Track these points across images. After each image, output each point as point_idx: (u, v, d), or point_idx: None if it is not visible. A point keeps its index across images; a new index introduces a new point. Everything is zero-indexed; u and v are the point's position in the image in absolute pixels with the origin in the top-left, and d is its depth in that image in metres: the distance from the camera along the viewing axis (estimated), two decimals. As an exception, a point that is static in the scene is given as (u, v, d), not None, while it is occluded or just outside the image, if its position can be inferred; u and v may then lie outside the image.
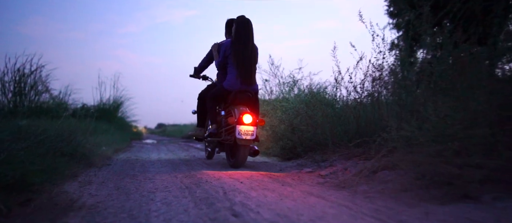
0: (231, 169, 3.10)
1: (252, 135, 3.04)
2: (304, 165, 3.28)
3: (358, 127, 3.32)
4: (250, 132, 3.04)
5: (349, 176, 2.46)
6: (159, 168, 3.18)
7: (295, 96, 4.64)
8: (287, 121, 4.02)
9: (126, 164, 3.49)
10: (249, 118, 3.06)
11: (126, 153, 5.10)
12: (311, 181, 2.52)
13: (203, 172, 2.81)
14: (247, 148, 3.10)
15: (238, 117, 3.06)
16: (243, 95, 3.26)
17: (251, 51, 3.31)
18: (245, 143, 3.05)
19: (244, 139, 3.02)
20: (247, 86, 3.28)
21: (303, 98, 4.29)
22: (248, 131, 3.03)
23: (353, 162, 2.85)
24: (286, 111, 4.13)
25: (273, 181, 2.44)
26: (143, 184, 2.26)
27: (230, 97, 3.28)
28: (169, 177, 2.60)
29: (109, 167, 3.17)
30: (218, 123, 3.43)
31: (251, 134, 3.04)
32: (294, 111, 4.04)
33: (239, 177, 2.56)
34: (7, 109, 8.72)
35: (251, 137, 3.04)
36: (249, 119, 3.06)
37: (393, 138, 2.23)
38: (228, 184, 2.23)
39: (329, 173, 2.77)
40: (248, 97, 3.28)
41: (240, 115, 3.06)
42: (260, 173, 2.81)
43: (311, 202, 1.74)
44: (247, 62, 3.28)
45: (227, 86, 3.29)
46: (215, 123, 3.41)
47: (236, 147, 3.11)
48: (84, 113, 10.46)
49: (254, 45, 3.37)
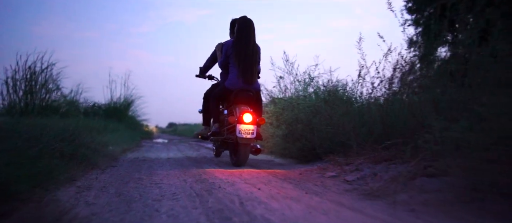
0: (246, 173, 2.82)
1: (252, 133, 3.09)
2: (326, 169, 2.98)
3: (385, 126, 3.00)
4: (251, 130, 3.09)
5: (382, 183, 2.15)
6: (167, 170, 2.93)
7: (313, 93, 4.34)
8: (305, 120, 3.72)
9: (133, 165, 3.25)
10: (249, 117, 3.11)
11: (135, 153, 4.89)
12: (336, 187, 2.22)
13: (216, 176, 2.54)
14: (248, 146, 3.15)
15: (239, 116, 3.11)
16: (244, 94, 3.30)
17: (252, 51, 3.35)
18: (245, 142, 3.10)
19: (245, 138, 3.07)
20: (248, 85, 3.32)
21: (321, 95, 3.99)
22: (249, 130, 3.08)
23: (383, 166, 2.54)
24: (304, 109, 3.83)
25: (294, 187, 2.15)
26: (148, 190, 2.00)
27: (231, 96, 3.31)
28: (177, 181, 2.34)
29: (113, 169, 2.93)
30: (221, 122, 3.47)
31: (251, 132, 3.09)
32: (313, 109, 3.74)
33: (255, 182, 2.28)
34: (18, 108, 8.67)
35: (251, 135, 3.09)
36: (249, 118, 3.11)
37: (435, 140, 1.91)
38: (244, 191, 1.95)
39: (356, 179, 2.47)
40: (250, 96, 3.32)
41: (240, 114, 3.12)
42: (279, 178, 2.52)
43: (346, 216, 1.45)
44: (248, 61, 3.33)
45: (229, 85, 3.34)
46: (218, 122, 3.47)
47: (238, 146, 3.15)
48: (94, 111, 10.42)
49: (256, 45, 3.41)
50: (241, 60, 3.30)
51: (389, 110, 2.98)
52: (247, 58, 3.31)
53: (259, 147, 3.34)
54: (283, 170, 3.03)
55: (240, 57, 3.30)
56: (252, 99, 3.33)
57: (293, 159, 3.79)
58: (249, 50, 3.33)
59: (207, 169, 3.03)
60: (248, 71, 3.31)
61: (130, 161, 3.67)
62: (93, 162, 2.88)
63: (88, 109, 10.42)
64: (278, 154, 4.13)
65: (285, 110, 4.32)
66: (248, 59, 3.32)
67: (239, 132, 3.05)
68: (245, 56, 3.30)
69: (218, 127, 3.41)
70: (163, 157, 4.32)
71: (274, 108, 4.58)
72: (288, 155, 4.00)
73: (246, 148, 3.13)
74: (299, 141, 3.72)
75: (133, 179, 2.39)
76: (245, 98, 3.29)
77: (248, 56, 3.32)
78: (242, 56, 3.30)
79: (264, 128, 5.05)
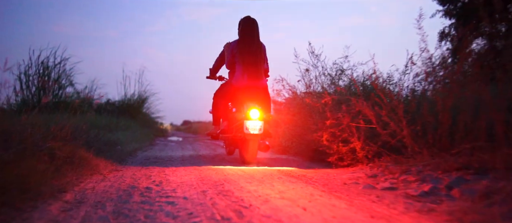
0: (278, 182, 2.29)
1: (260, 129, 3.13)
2: (374, 177, 2.43)
3: (448, 126, 2.42)
4: (258, 126, 3.13)
5: (470, 203, 1.58)
6: (181, 176, 2.44)
7: (345, 87, 3.77)
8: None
9: (141, 170, 2.77)
10: (256, 113, 3.15)
11: (146, 152, 4.44)
12: (403, 205, 1.66)
13: (241, 187, 2.03)
14: (256, 142, 3.18)
15: (245, 112, 3.17)
16: (251, 91, 3.36)
17: (256, 48, 3.43)
18: (253, 138, 3.14)
19: (252, 134, 3.11)
20: (253, 81, 3.38)
21: (353, 89, 3.42)
22: (256, 126, 3.12)
23: (459, 178, 1.97)
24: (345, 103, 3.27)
25: (348, 206, 1.61)
26: (157, 208, 1.51)
27: (239, 93, 3.37)
28: (195, 193, 1.84)
29: (117, 174, 2.46)
30: (230, 120, 3.53)
31: (259, 128, 3.13)
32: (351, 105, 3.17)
33: (294, 196, 1.75)
34: (31, 104, 8.40)
35: (258, 131, 3.13)
36: (256, 114, 3.15)
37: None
38: (285, 213, 1.43)
39: (423, 193, 1.90)
40: (257, 93, 3.36)
41: (247, 110, 3.17)
42: (322, 191, 1.99)
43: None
44: (253, 58, 3.40)
45: (235, 82, 3.41)
46: (226, 120, 3.55)
47: (246, 143, 3.20)
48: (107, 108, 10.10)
49: (261, 43, 3.50)
50: (245, 57, 3.38)
51: (456, 105, 2.39)
52: (251, 56, 3.38)
53: (268, 144, 3.35)
54: (321, 178, 2.49)
55: (245, 55, 3.38)
56: (259, 96, 3.36)
57: (326, 163, 3.24)
58: (253, 47, 3.41)
59: (229, 174, 2.53)
60: (253, 68, 3.37)
61: (139, 162, 3.21)
62: (94, 166, 2.41)
63: (101, 106, 10.14)
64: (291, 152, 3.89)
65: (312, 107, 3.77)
66: (253, 56, 3.39)
67: (246, 128, 3.10)
68: (249, 54, 3.38)
69: (227, 125, 3.48)
70: (177, 156, 3.86)
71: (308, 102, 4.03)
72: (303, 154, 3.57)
73: (255, 144, 3.17)
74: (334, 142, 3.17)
75: (139, 189, 1.90)
76: (252, 95, 3.33)
77: (252, 53, 3.39)
78: (246, 54, 3.38)
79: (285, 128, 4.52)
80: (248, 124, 3.10)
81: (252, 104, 3.23)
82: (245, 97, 3.33)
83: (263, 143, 3.31)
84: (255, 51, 3.41)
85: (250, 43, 3.41)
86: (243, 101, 3.31)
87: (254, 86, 3.37)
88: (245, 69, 3.36)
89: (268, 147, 3.35)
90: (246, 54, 3.38)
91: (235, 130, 3.34)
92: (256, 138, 3.14)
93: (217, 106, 3.68)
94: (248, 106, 3.20)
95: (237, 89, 3.37)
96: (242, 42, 3.43)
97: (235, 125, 3.36)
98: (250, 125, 3.10)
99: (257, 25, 3.49)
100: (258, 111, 3.16)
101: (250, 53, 3.39)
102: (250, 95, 3.32)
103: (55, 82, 8.60)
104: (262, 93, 3.41)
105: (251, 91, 3.34)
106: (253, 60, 3.39)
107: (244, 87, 3.35)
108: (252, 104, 3.23)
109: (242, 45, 3.42)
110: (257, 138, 3.15)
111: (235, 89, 3.39)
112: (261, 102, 3.34)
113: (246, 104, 3.26)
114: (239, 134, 3.27)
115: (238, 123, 3.29)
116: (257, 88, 3.38)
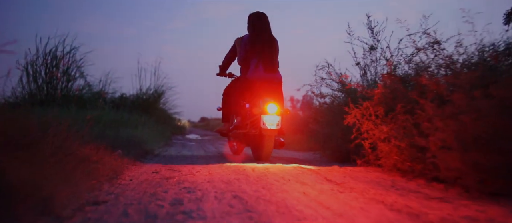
0: (335, 203, 1.40)
1: (277, 124, 3.04)
2: (437, 195, 1.50)
3: None
4: (275, 121, 3.03)
5: None
6: (210, 201, 1.57)
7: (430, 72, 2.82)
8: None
9: (141, 200, 1.92)
10: (274, 108, 3.05)
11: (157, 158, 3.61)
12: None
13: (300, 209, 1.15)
14: (272, 139, 3.08)
15: (263, 106, 3.07)
16: (267, 84, 3.26)
17: (268, 41, 3.38)
18: (270, 133, 3.05)
19: (269, 130, 3.02)
20: (269, 73, 3.30)
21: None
22: (273, 121, 3.02)
23: None
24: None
25: None
26: None
27: (254, 87, 3.27)
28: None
29: (99, 209, 1.59)
30: (243, 116, 3.42)
31: (276, 123, 3.04)
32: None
33: None
34: (38, 98, 7.76)
35: (276, 126, 3.04)
36: (274, 108, 3.05)
37: None
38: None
39: None
40: (272, 86, 3.27)
41: (264, 104, 3.07)
42: (387, 207, 1.11)
43: None
44: (266, 50, 3.33)
45: (250, 76, 3.32)
46: (240, 116, 3.45)
47: (261, 139, 3.09)
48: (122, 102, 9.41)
49: (273, 37, 3.45)
50: (259, 49, 3.31)
51: None
52: (264, 48, 3.32)
53: (282, 141, 3.26)
54: (394, 192, 1.57)
55: (259, 47, 3.31)
56: (275, 89, 3.27)
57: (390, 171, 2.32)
58: (266, 40, 3.36)
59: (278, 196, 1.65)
60: (268, 60, 3.30)
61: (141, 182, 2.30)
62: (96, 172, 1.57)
63: (115, 100, 9.46)
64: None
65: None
66: (266, 48, 3.32)
67: (264, 124, 3.00)
68: (263, 46, 3.32)
69: (241, 121, 3.37)
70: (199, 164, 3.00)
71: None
72: (386, 166, 2.61)
73: (270, 141, 3.06)
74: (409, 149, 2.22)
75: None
76: (268, 88, 3.24)
77: (265, 46, 3.33)
78: (260, 46, 3.32)
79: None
80: (266, 119, 3.00)
81: (268, 98, 3.12)
82: (260, 90, 3.23)
83: (278, 140, 3.21)
84: (269, 43, 3.36)
85: (263, 36, 3.37)
86: (259, 95, 3.20)
87: (270, 78, 3.29)
88: (259, 61, 3.28)
89: (283, 144, 3.27)
90: (260, 47, 3.32)
91: (250, 125, 3.20)
92: (273, 133, 3.04)
93: (228, 102, 3.61)
94: (265, 100, 3.09)
95: (253, 82, 3.27)
96: (254, 35, 3.38)
97: (249, 120, 3.22)
98: (268, 120, 2.99)
99: (267, 19, 3.44)
100: (275, 105, 3.04)
101: (263, 45, 3.33)
102: (266, 88, 3.22)
103: (64, 73, 7.95)
104: (277, 86, 3.32)
105: (267, 84, 3.25)
106: (268, 52, 3.32)
107: (260, 79, 3.26)
108: (268, 98, 3.12)
109: (255, 38, 3.36)
110: (273, 134, 3.05)
111: (250, 82, 3.30)
112: (277, 96, 3.24)
113: (262, 98, 3.14)
114: (254, 130, 3.14)
115: (253, 118, 3.16)
116: (273, 81, 3.30)
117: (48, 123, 1.96)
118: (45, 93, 7.69)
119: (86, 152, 1.92)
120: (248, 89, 3.37)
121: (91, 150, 2.03)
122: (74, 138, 1.95)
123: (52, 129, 1.74)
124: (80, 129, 2.17)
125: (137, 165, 2.53)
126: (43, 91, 7.73)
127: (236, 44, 3.58)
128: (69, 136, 1.86)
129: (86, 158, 1.83)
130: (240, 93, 3.49)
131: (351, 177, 2.18)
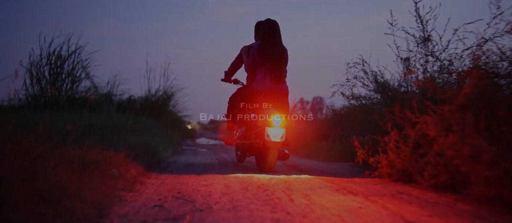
0: None
1: (281, 137, 3.00)
2: None
3: None
4: (280, 134, 2.99)
5: None
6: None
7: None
8: None
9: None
10: (279, 120, 3.01)
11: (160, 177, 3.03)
12: None
13: None
14: (276, 151, 3.05)
15: (267, 118, 3.02)
16: (272, 95, 3.21)
17: (279, 51, 3.30)
18: (274, 146, 3.01)
19: (273, 142, 2.98)
20: (275, 84, 3.23)
21: None
22: (278, 133, 2.98)
23: None
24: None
25: None
26: None
27: (260, 97, 3.22)
28: None
29: None
30: (248, 126, 3.33)
31: (281, 136, 3.00)
32: None
33: None
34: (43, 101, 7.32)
35: (280, 139, 3.00)
36: (279, 121, 3.01)
37: None
38: None
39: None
40: (278, 97, 3.23)
41: (269, 116, 3.03)
42: None
43: None
44: (275, 61, 3.25)
45: (256, 85, 3.26)
46: (244, 126, 3.37)
47: (266, 151, 3.04)
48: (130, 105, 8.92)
49: (283, 47, 3.37)
50: (268, 60, 3.24)
51: None
52: (274, 59, 3.25)
53: (287, 152, 3.28)
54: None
55: (267, 57, 3.24)
56: (281, 101, 3.24)
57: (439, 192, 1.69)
58: (276, 50, 3.28)
59: None
60: (276, 71, 3.24)
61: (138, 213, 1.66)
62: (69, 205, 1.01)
63: (123, 103, 8.98)
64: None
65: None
66: (275, 59, 3.26)
67: (268, 136, 2.96)
68: (271, 57, 3.25)
69: (245, 131, 3.32)
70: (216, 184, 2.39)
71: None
72: None
73: (274, 152, 3.03)
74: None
75: None
76: (274, 99, 3.20)
77: (275, 56, 3.26)
78: (269, 56, 3.24)
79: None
80: (270, 131, 2.96)
81: (274, 110, 3.08)
82: (266, 101, 3.18)
83: (282, 151, 3.22)
84: (278, 54, 3.28)
85: (273, 46, 3.28)
86: (264, 106, 3.16)
87: (276, 89, 3.24)
88: (267, 72, 3.21)
89: (287, 155, 3.27)
90: (269, 57, 3.24)
91: (254, 136, 3.16)
92: (277, 146, 3.01)
93: (233, 111, 3.55)
94: (270, 112, 3.04)
95: (259, 93, 3.22)
96: (264, 44, 3.28)
97: (254, 131, 3.17)
98: (272, 132, 2.96)
99: (278, 27, 3.35)
100: (280, 117, 3.01)
101: (273, 55, 3.25)
102: (271, 100, 3.19)
103: (69, 74, 7.49)
104: (284, 98, 3.28)
105: (273, 95, 3.21)
106: (276, 63, 3.25)
107: (266, 90, 3.21)
108: (273, 110, 3.08)
109: (265, 47, 3.27)
110: (277, 146, 3.02)
111: (256, 92, 3.24)
112: (283, 107, 3.19)
113: (268, 109, 3.11)
114: (258, 142, 3.10)
115: (258, 130, 3.11)
116: (279, 92, 3.25)
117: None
118: (49, 95, 7.22)
119: (61, 178, 1.34)
120: (253, 99, 3.32)
121: (70, 174, 1.45)
122: (49, 156, 1.38)
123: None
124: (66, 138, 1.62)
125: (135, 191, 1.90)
126: (47, 93, 7.27)
127: (242, 53, 3.51)
128: (40, 154, 1.29)
129: (60, 186, 1.26)
130: (245, 103, 3.43)
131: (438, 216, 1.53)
